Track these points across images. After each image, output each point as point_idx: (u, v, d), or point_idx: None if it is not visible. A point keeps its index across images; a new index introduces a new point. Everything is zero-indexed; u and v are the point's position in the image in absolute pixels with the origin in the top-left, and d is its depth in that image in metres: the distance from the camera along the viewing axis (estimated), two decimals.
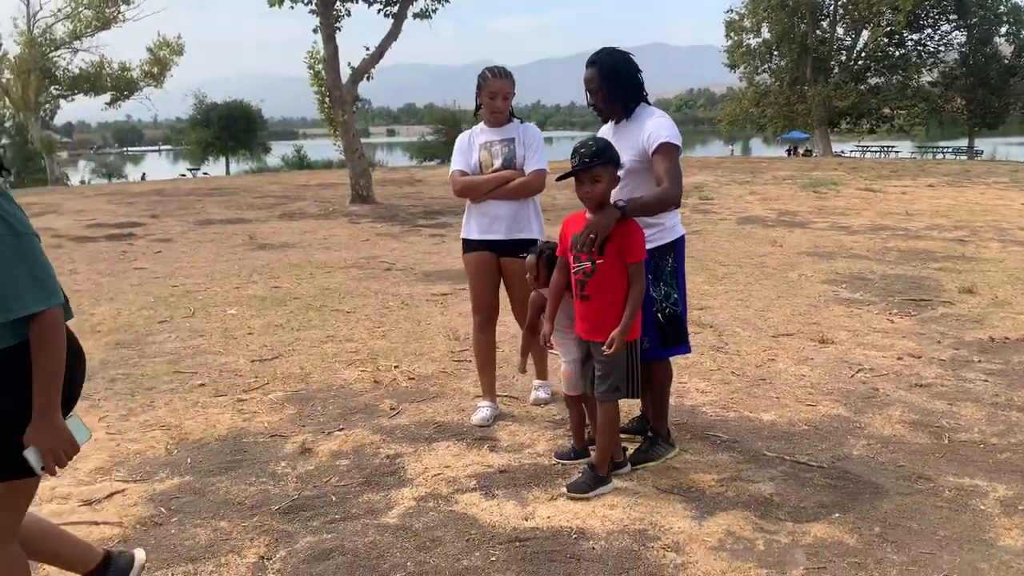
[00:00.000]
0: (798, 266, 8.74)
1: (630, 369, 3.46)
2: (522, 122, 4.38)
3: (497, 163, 4.30)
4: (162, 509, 3.40)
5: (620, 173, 3.43)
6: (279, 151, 50.66)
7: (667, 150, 3.50)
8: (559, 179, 3.56)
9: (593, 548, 3.03)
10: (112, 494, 3.55)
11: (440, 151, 43.63)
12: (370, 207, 15.34)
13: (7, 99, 33.70)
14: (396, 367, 5.36)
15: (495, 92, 4.22)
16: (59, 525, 3.19)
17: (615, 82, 3.63)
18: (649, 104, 3.73)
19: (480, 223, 4.33)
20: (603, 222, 3.28)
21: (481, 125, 4.39)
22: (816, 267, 8.69)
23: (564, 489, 3.48)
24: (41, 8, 35.43)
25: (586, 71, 3.69)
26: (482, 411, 4.40)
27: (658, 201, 3.43)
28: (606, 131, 3.81)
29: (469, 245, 4.41)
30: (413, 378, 5.14)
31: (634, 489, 3.51)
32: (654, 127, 3.55)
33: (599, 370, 3.45)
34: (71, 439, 2.12)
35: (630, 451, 3.79)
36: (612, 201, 3.38)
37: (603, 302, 3.37)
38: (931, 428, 4.21)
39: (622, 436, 3.86)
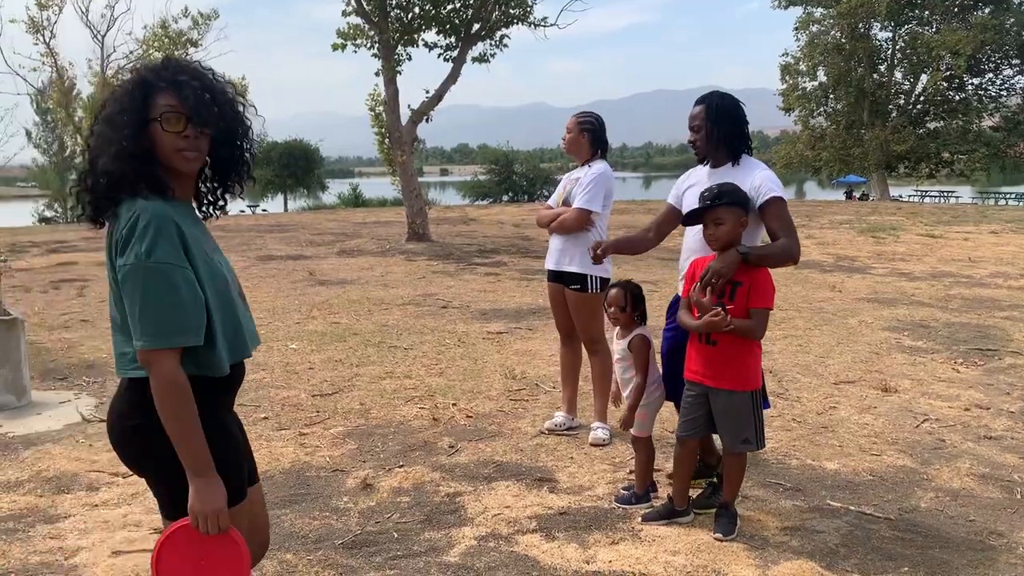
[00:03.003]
0: (858, 312, 8.61)
1: (756, 419, 3.41)
2: (593, 163, 4.68)
3: (563, 199, 4.74)
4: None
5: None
6: (335, 189, 51.69)
7: (780, 205, 3.48)
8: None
9: None
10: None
11: (493, 190, 44.05)
12: (426, 245, 15.55)
13: (79, 136, 35.02)
14: (454, 405, 5.41)
15: (568, 128, 4.72)
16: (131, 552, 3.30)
17: (719, 124, 3.60)
18: (752, 155, 3.69)
19: (547, 253, 4.87)
20: (725, 265, 3.28)
21: (575, 163, 4.83)
22: (877, 313, 8.55)
23: (716, 534, 3.44)
24: (115, 51, 36.65)
25: (694, 108, 3.69)
26: (556, 417, 4.88)
27: (781, 253, 3.39)
28: (700, 172, 3.77)
29: (547, 274, 4.92)
30: (471, 416, 5.18)
31: (696, 535, 3.48)
32: (762, 180, 3.51)
33: (722, 420, 3.41)
34: (216, 507, 1.93)
35: (693, 496, 3.76)
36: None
37: (730, 348, 3.33)
38: (1002, 482, 4.10)
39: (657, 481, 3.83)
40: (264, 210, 44.59)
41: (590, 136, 4.66)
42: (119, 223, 1.90)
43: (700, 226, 3.46)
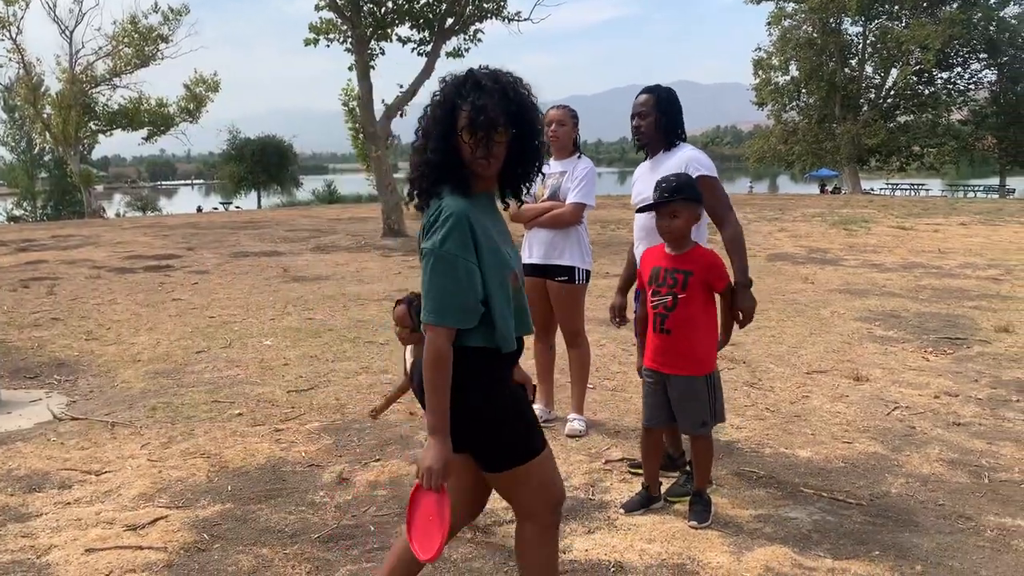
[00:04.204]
0: (830, 303, 8.71)
1: (711, 401, 3.48)
2: (580, 157, 4.58)
3: (547, 193, 4.64)
4: (205, 535, 3.46)
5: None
6: (310, 185, 51.38)
7: (709, 183, 3.63)
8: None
9: None
10: (156, 520, 3.61)
11: None
12: (401, 240, 15.51)
13: (48, 134, 34.54)
14: None
15: (550, 120, 4.59)
16: (105, 549, 3.27)
17: (666, 113, 3.78)
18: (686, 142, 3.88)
19: (525, 248, 4.73)
20: (751, 303, 3.48)
21: (552, 158, 4.70)
22: (848, 304, 8.65)
23: (691, 522, 3.48)
24: (83, 46, 36.19)
25: (641, 96, 3.84)
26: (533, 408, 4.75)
27: (738, 244, 3.57)
28: (643, 168, 3.91)
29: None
30: None
31: (671, 523, 3.51)
32: (691, 159, 3.70)
33: (679, 406, 3.47)
34: (439, 469, 2.15)
35: (665, 486, 3.79)
36: (732, 282, 3.47)
37: (683, 336, 3.39)
38: (971, 467, 4.17)
39: (638, 471, 3.87)
40: (237, 207, 44.20)
41: (576, 130, 4.68)
42: (429, 212, 2.25)
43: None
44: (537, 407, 4.92)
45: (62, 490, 3.98)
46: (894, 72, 41.13)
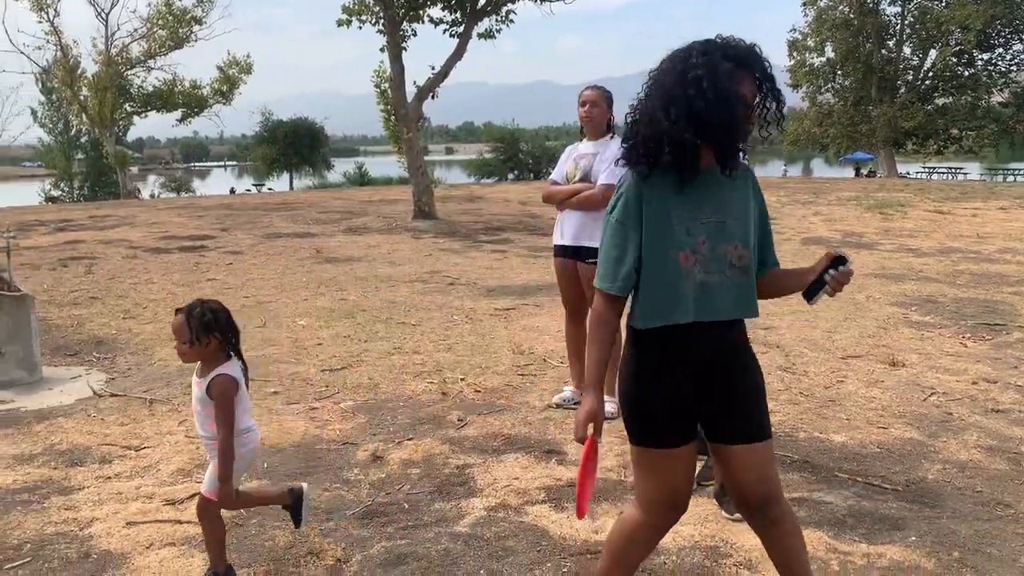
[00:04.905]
0: (865, 288, 8.60)
1: None
2: (613, 138, 4.58)
3: (579, 175, 4.65)
4: (242, 511, 3.51)
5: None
6: (341, 168, 51.62)
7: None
8: None
9: (665, 563, 3.04)
10: (193, 495, 3.66)
11: (498, 168, 43.93)
12: (432, 223, 15.55)
13: (84, 115, 35.02)
14: (462, 379, 5.43)
15: (584, 100, 4.63)
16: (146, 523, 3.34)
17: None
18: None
19: (557, 229, 4.79)
20: None
21: (585, 139, 4.75)
22: (884, 289, 8.54)
23: (724, 514, 3.43)
24: (119, 29, 36.53)
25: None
26: (564, 392, 4.93)
27: None
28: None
29: (554, 249, 4.87)
30: (479, 391, 5.20)
31: (704, 506, 3.51)
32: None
33: None
34: (582, 421, 2.24)
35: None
36: None
37: None
38: (1009, 454, 4.11)
39: None
40: (270, 188, 44.57)
41: (611, 112, 4.67)
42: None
43: None
44: (568, 389, 4.94)
45: (103, 464, 4.07)
46: (933, 53, 40.24)
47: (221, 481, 2.77)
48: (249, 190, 44.25)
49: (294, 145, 45.59)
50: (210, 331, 2.75)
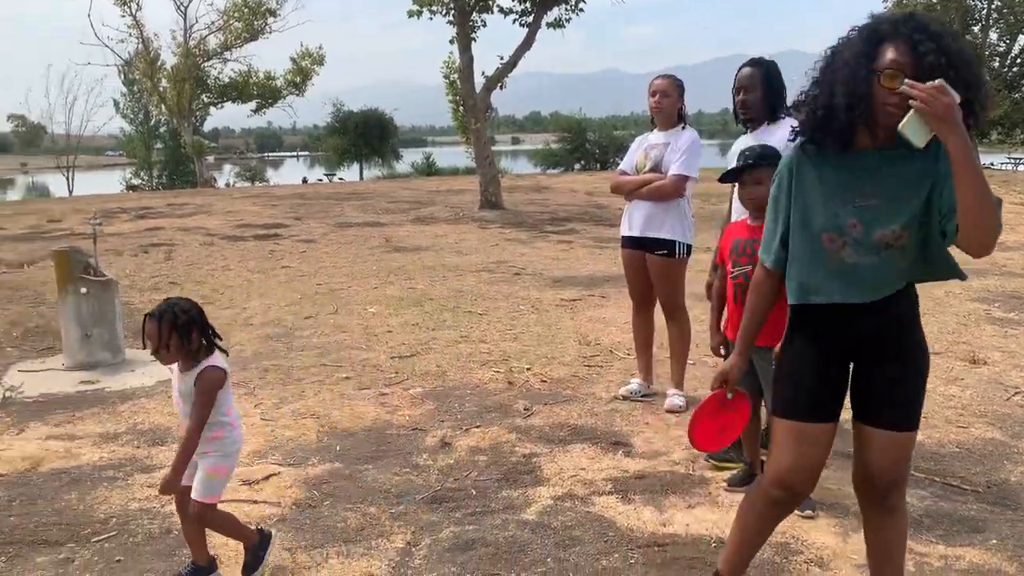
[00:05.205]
0: (945, 283, 8.30)
1: None
2: (685, 128, 4.52)
3: (648, 165, 4.58)
4: (315, 492, 3.61)
5: None
6: (409, 158, 52.10)
7: None
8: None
9: None
10: (269, 476, 3.79)
11: (565, 158, 43.76)
12: (499, 213, 15.61)
13: (163, 106, 36.07)
14: (528, 369, 5.46)
15: (654, 90, 4.56)
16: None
17: (772, 87, 3.77)
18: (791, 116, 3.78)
19: (625, 220, 4.74)
20: None
21: (656, 129, 4.67)
22: (964, 284, 8.24)
23: (796, 512, 3.31)
24: (197, 21, 37.53)
25: (745, 70, 3.82)
26: (631, 384, 4.88)
27: None
28: (744, 142, 3.85)
29: (621, 240, 4.81)
30: (546, 381, 5.22)
31: None
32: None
33: (766, 379, 3.38)
34: (720, 373, 2.55)
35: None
36: None
37: None
38: None
39: (719, 466, 3.81)
40: (340, 178, 45.27)
41: (682, 101, 4.60)
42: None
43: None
44: (635, 381, 4.91)
45: None
46: (1021, 39, 38.57)
47: (173, 470, 2.66)
48: (321, 180, 45.01)
49: (364, 136, 46.15)
50: (190, 330, 2.72)
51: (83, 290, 5.57)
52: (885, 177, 2.17)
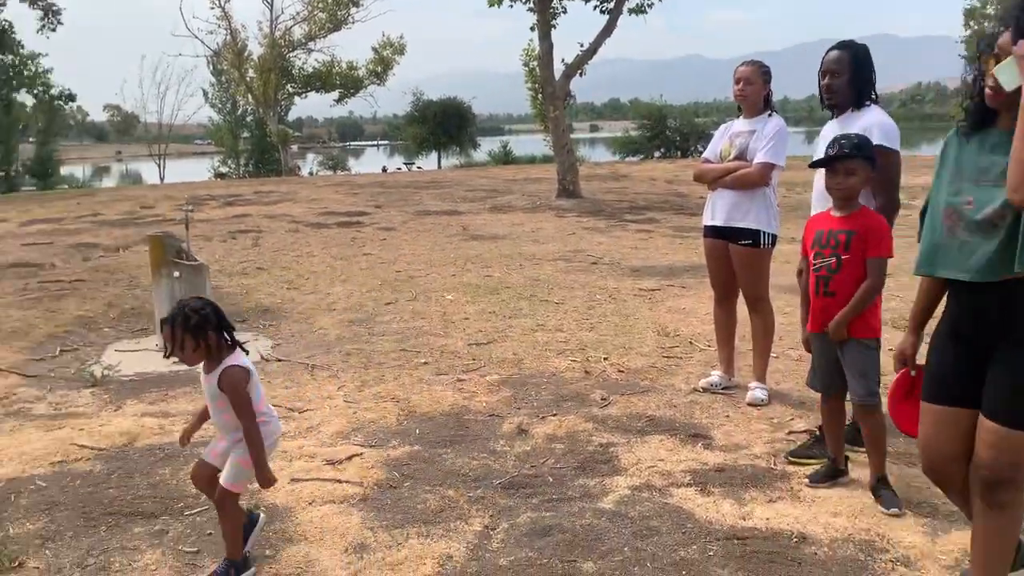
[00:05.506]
0: None
1: (877, 370, 3.34)
2: (771, 115, 4.44)
3: (734, 153, 4.51)
4: (395, 473, 3.69)
5: None
6: (486, 147, 52.32)
7: (884, 156, 3.45)
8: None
9: (815, 553, 2.95)
10: (351, 456, 3.88)
11: (644, 146, 43.26)
12: (576, 201, 15.56)
13: (250, 95, 37.11)
14: (605, 359, 5.44)
15: (738, 78, 4.47)
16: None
17: (860, 71, 3.66)
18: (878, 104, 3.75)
19: (708, 209, 4.66)
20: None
21: (742, 116, 4.59)
22: None
23: (883, 510, 3.25)
24: (282, 12, 38.49)
25: (833, 53, 3.72)
26: (712, 376, 4.81)
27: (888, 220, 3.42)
28: (831, 127, 3.77)
29: (704, 230, 4.74)
30: (623, 371, 5.20)
31: (859, 498, 3.38)
32: (872, 124, 3.56)
33: (850, 370, 3.33)
34: (897, 358, 2.70)
35: (856, 464, 3.64)
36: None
37: (848, 298, 3.25)
38: None
39: (797, 462, 3.73)
40: (419, 167, 45.83)
41: (768, 88, 4.50)
42: None
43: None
44: (716, 373, 4.85)
45: None
46: None
47: (257, 468, 2.74)
48: (400, 168, 45.65)
49: (443, 124, 46.55)
50: (203, 331, 2.70)
51: (176, 274, 5.79)
52: (1005, 157, 2.16)
